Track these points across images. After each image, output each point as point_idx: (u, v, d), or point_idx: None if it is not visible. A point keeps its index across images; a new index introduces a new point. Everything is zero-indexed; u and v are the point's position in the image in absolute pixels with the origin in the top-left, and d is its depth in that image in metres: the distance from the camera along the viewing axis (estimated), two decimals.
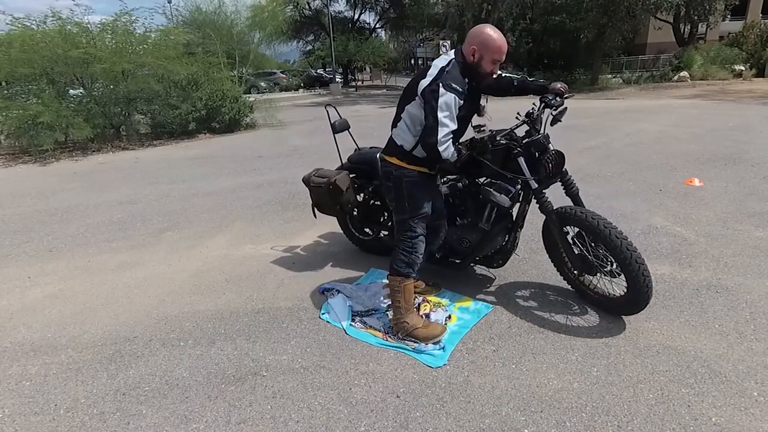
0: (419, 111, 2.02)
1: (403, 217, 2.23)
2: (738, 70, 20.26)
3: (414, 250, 2.23)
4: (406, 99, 2.10)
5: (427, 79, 1.98)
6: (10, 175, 7.06)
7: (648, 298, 2.13)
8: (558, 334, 2.24)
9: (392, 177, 2.18)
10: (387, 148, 2.24)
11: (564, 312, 2.42)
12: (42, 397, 1.96)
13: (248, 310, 2.61)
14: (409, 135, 2.10)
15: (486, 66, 2.04)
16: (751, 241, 3.23)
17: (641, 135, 7.67)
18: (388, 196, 2.30)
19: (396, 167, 2.16)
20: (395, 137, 2.16)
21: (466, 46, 2.04)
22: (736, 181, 4.72)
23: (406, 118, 2.10)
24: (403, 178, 2.16)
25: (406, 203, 2.19)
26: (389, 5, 30.48)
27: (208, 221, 4.26)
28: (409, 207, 2.19)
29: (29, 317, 2.65)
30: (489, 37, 1.99)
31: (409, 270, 2.23)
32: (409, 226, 2.22)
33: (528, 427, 1.68)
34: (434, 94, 1.92)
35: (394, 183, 2.19)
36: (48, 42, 8.35)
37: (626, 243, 2.11)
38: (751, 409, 1.71)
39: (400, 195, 2.19)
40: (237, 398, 1.90)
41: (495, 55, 2.01)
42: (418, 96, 2.00)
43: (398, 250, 2.26)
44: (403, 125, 2.11)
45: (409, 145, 2.11)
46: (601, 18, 17.55)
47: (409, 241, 2.23)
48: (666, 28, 21.61)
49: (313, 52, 30.76)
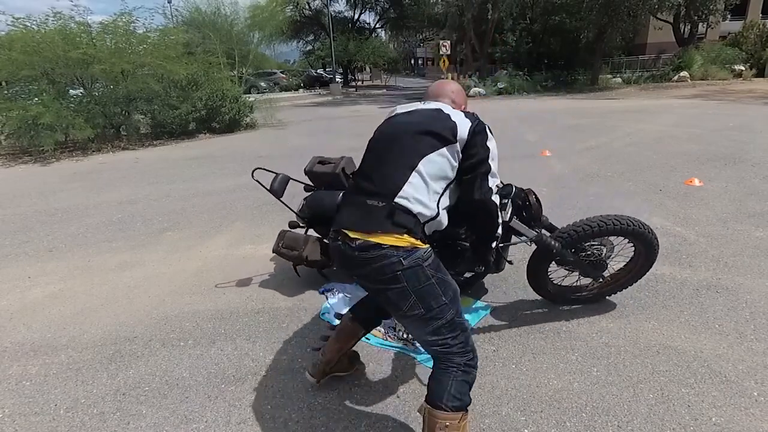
0: (446, 161, 1.48)
1: (443, 320, 1.43)
2: (738, 70, 20.29)
3: (475, 361, 1.49)
4: (419, 146, 1.49)
5: (466, 120, 1.53)
6: (10, 175, 7.05)
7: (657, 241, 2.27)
8: (558, 334, 2.24)
9: (404, 273, 1.38)
10: (379, 223, 1.40)
11: (564, 312, 2.42)
12: (42, 397, 1.96)
13: (248, 310, 2.61)
14: (426, 197, 1.45)
15: None
16: (751, 241, 3.23)
17: (641, 135, 7.66)
18: (399, 304, 1.43)
19: (405, 252, 1.38)
20: (405, 203, 1.42)
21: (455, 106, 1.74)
22: (736, 181, 4.72)
23: (423, 173, 1.45)
24: (424, 266, 1.40)
25: (441, 299, 1.42)
26: (389, 5, 30.50)
27: (208, 221, 4.26)
28: (449, 300, 1.44)
29: (29, 317, 2.65)
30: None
31: (468, 400, 1.45)
32: (457, 325, 1.46)
33: (528, 427, 1.68)
34: (483, 136, 1.51)
35: (410, 281, 1.38)
36: (48, 43, 8.35)
37: (617, 219, 2.16)
38: (751, 409, 1.71)
39: (428, 293, 1.41)
40: (237, 398, 1.90)
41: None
42: (455, 140, 1.48)
43: (456, 371, 1.44)
44: (419, 184, 1.45)
45: (430, 211, 1.45)
46: (602, 18, 17.56)
47: (462, 345, 1.46)
48: (666, 28, 21.60)
49: (313, 52, 30.77)
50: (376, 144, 1.62)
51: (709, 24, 20.09)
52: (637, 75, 20.95)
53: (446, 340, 1.45)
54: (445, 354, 1.45)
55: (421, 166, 1.46)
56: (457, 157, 1.50)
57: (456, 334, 1.45)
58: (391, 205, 1.42)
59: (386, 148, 1.55)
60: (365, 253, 1.39)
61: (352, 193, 1.57)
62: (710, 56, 20.28)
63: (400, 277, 1.38)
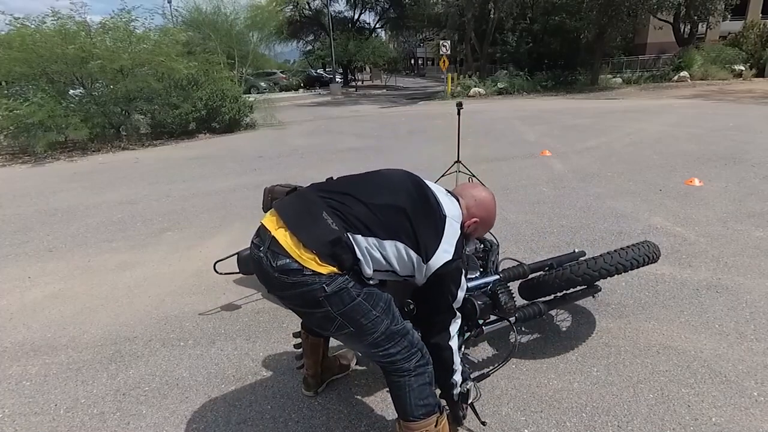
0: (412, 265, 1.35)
1: (377, 332, 1.35)
2: (738, 70, 20.28)
3: (426, 359, 1.44)
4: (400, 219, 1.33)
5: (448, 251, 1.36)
6: (10, 175, 7.05)
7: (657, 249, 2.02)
8: (558, 334, 2.24)
9: (327, 299, 1.26)
10: (315, 239, 1.26)
11: (564, 312, 2.42)
12: (42, 397, 1.96)
13: (248, 310, 2.61)
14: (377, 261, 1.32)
15: (468, 240, 1.61)
16: (751, 241, 3.23)
17: (641, 135, 7.67)
18: (325, 326, 1.37)
19: (328, 279, 1.25)
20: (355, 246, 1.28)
21: (468, 212, 1.53)
22: (736, 181, 4.72)
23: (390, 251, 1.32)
24: (349, 287, 1.28)
25: (371, 313, 1.32)
26: (389, 5, 30.51)
27: (208, 221, 4.26)
28: (380, 313, 1.34)
29: (29, 317, 2.64)
30: (493, 213, 1.60)
31: (435, 400, 1.44)
32: (395, 334, 1.38)
33: (528, 427, 1.68)
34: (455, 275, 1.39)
35: (334, 305, 1.27)
36: (45, 41, 8.34)
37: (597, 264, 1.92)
38: (751, 409, 1.71)
39: (355, 311, 1.30)
40: (237, 398, 1.90)
41: (485, 231, 1.65)
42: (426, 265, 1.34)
43: (408, 378, 1.40)
44: (378, 251, 1.31)
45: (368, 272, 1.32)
46: (602, 18, 17.56)
47: (406, 350, 1.39)
48: (666, 28, 21.61)
49: (313, 52, 30.81)
50: (375, 177, 1.47)
51: (709, 24, 20.08)
52: (637, 75, 20.94)
53: (387, 350, 1.38)
54: (390, 364, 1.40)
55: (388, 245, 1.30)
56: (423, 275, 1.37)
57: (395, 341, 1.38)
58: (344, 234, 1.26)
59: (378, 190, 1.39)
60: (285, 277, 1.26)
61: (315, 190, 1.41)
62: (710, 56, 20.28)
63: (323, 302, 1.27)
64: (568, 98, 15.96)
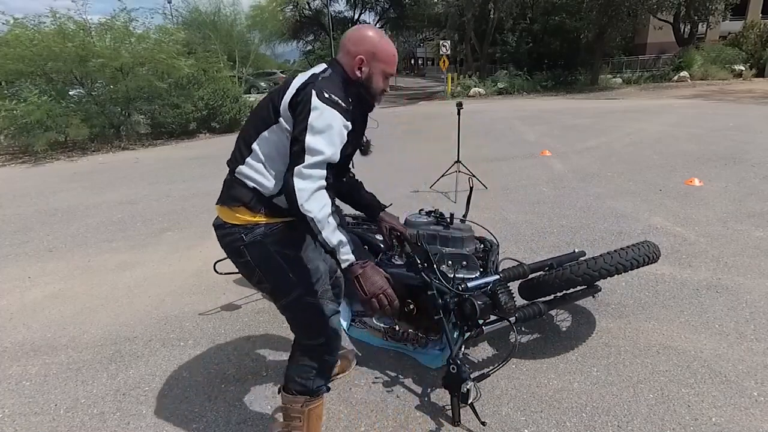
0: (283, 136, 1.33)
1: (292, 298, 1.41)
2: (738, 70, 20.27)
3: (327, 348, 1.46)
4: (259, 123, 1.38)
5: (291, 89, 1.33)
6: (10, 175, 7.06)
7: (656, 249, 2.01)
8: (558, 334, 2.24)
9: (246, 248, 1.37)
10: (227, 199, 1.41)
11: (564, 312, 2.42)
12: (42, 397, 1.96)
13: (248, 310, 2.61)
14: (267, 174, 1.36)
15: (377, 83, 1.45)
16: (751, 241, 3.23)
17: (641, 135, 7.67)
18: (251, 278, 1.47)
19: (245, 229, 1.37)
20: (243, 177, 1.38)
21: (347, 56, 1.40)
22: (736, 181, 4.72)
23: (261, 149, 1.36)
24: (266, 243, 1.37)
25: (287, 275, 1.39)
26: (389, 5, 30.51)
27: (208, 221, 4.22)
28: (297, 279, 1.40)
29: (29, 317, 2.65)
30: (379, 43, 1.41)
31: (320, 383, 1.48)
32: (307, 306, 1.42)
33: (528, 427, 1.68)
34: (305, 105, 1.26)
35: (253, 256, 1.38)
36: (42, 39, 8.32)
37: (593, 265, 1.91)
38: (751, 409, 1.71)
39: (273, 268, 1.39)
40: (237, 398, 1.90)
41: (389, 67, 1.45)
42: (282, 114, 1.32)
43: (299, 353, 1.47)
44: (257, 160, 1.37)
45: (268, 190, 1.36)
46: (602, 18, 17.57)
47: (308, 327, 1.45)
48: (666, 28, 21.60)
49: (313, 51, 30.83)
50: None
51: (709, 24, 20.08)
52: (637, 75, 20.95)
53: (295, 317, 1.47)
54: (295, 332, 1.50)
55: (258, 143, 1.38)
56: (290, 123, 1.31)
57: (303, 313, 1.44)
58: (233, 182, 1.42)
59: (246, 123, 1.48)
60: (218, 231, 1.44)
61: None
62: (710, 56, 20.28)
63: (242, 251, 1.38)
64: (568, 98, 15.95)
